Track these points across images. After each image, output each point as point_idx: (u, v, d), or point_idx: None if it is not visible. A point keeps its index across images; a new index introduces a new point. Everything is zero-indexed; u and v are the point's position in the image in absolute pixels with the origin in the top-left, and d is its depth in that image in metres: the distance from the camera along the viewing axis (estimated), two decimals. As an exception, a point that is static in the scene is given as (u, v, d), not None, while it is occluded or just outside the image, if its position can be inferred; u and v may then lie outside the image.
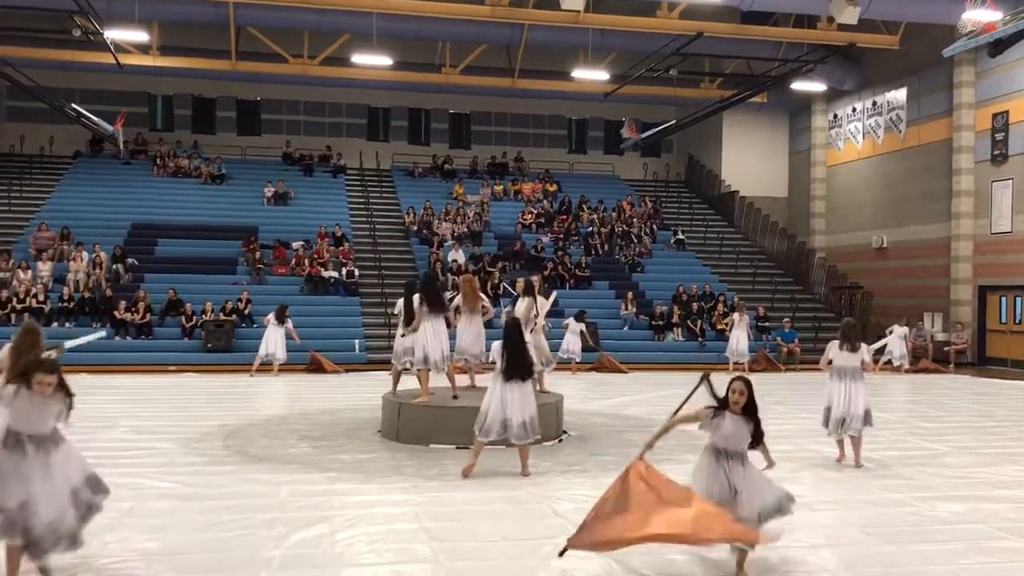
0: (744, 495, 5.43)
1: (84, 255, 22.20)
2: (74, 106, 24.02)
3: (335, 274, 23.61)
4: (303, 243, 24.69)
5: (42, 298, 20.35)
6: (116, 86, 28.88)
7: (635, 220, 28.98)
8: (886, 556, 6.16)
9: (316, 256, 24.01)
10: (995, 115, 23.12)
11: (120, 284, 22.01)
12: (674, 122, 27.85)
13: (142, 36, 24.39)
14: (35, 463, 5.05)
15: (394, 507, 7.25)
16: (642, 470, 5.56)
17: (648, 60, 24.73)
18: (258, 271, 23.32)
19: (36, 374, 5.01)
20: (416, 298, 10.46)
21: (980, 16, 18.00)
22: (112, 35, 23.10)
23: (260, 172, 29.43)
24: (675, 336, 23.03)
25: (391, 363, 11.37)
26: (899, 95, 26.60)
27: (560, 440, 10.47)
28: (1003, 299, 23.17)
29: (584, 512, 5.89)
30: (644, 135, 28.96)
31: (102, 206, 26.40)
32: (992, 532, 6.77)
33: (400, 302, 11.33)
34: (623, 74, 27.03)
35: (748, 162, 32.00)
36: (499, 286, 22.54)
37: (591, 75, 26.88)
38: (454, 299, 11.16)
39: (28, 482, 5.00)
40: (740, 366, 19.97)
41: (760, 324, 23.00)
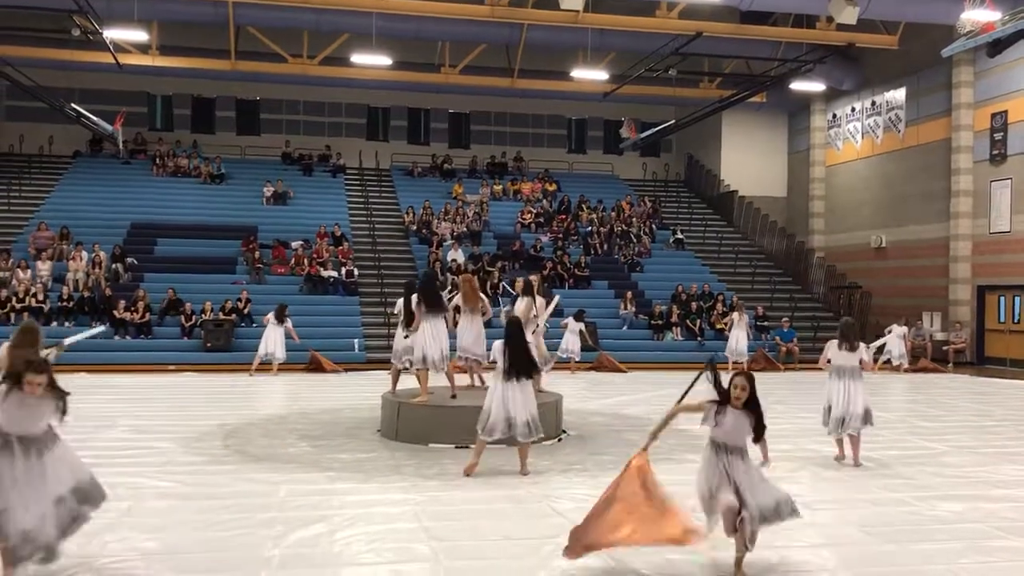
0: (745, 492, 5.42)
1: (83, 254, 22.19)
2: (73, 106, 24.03)
3: (334, 274, 23.61)
4: (302, 243, 24.69)
5: (41, 297, 20.35)
6: (115, 86, 28.89)
7: (634, 220, 28.98)
8: (885, 555, 6.17)
9: (315, 256, 24.00)
10: (994, 115, 23.14)
11: (119, 284, 22.00)
12: (673, 122, 27.88)
13: (141, 36, 24.39)
14: (21, 466, 4.95)
15: (393, 506, 7.25)
16: (643, 465, 5.58)
17: (647, 60, 24.75)
18: (257, 271, 23.32)
19: (26, 374, 4.94)
20: (414, 298, 10.47)
21: (979, 16, 18.02)
22: (111, 35, 23.11)
23: (259, 172, 29.44)
24: (674, 336, 23.05)
25: (390, 362, 11.38)
26: (898, 95, 26.61)
27: (559, 439, 10.47)
28: (1002, 299, 23.18)
29: (584, 511, 5.91)
30: (643, 135, 28.99)
31: (101, 206, 26.40)
32: (991, 531, 6.77)
33: (400, 302, 11.34)
34: (622, 74, 27.04)
35: (747, 162, 32.01)
36: (498, 286, 22.54)
37: (590, 75, 26.88)
38: (453, 299, 11.16)
39: (10, 487, 4.89)
40: (739, 365, 19.94)
41: (759, 324, 23.01)
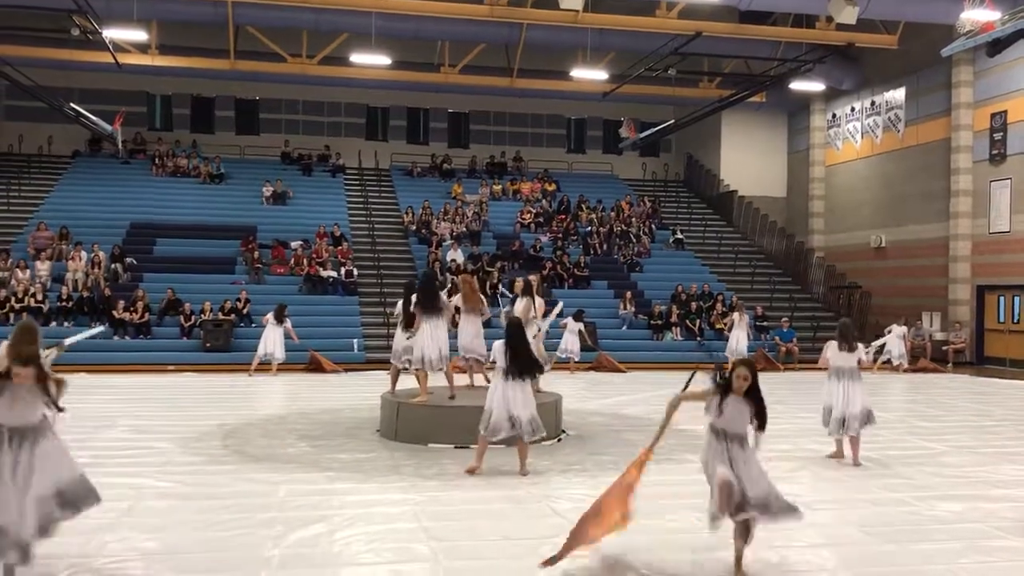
0: (744, 483, 5.46)
1: (83, 254, 22.17)
2: (73, 105, 24.01)
3: (334, 274, 23.60)
4: (302, 243, 24.67)
5: (40, 297, 20.33)
6: (115, 85, 28.87)
7: (634, 220, 28.98)
8: (885, 555, 6.17)
9: (315, 256, 23.99)
10: (993, 115, 23.13)
11: (119, 284, 21.98)
12: (673, 122, 27.88)
13: (141, 35, 24.37)
14: (9, 461, 4.98)
15: (393, 506, 7.25)
16: (646, 460, 5.61)
17: (647, 60, 24.75)
18: (257, 271, 23.31)
19: (12, 365, 5.03)
20: (413, 299, 10.47)
21: (978, 16, 18.03)
22: (111, 34, 23.09)
23: (259, 171, 29.43)
24: (674, 335, 23.04)
25: (390, 362, 11.37)
26: (897, 95, 26.60)
27: (559, 439, 10.47)
28: (1001, 298, 23.19)
29: (583, 512, 5.91)
30: (643, 135, 28.98)
31: (101, 205, 26.39)
32: (991, 531, 6.77)
33: (400, 303, 11.34)
34: (622, 74, 27.03)
35: (747, 162, 32.00)
36: (497, 286, 22.54)
37: (590, 75, 26.87)
38: (453, 299, 11.14)
39: None
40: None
41: (758, 324, 23.00)
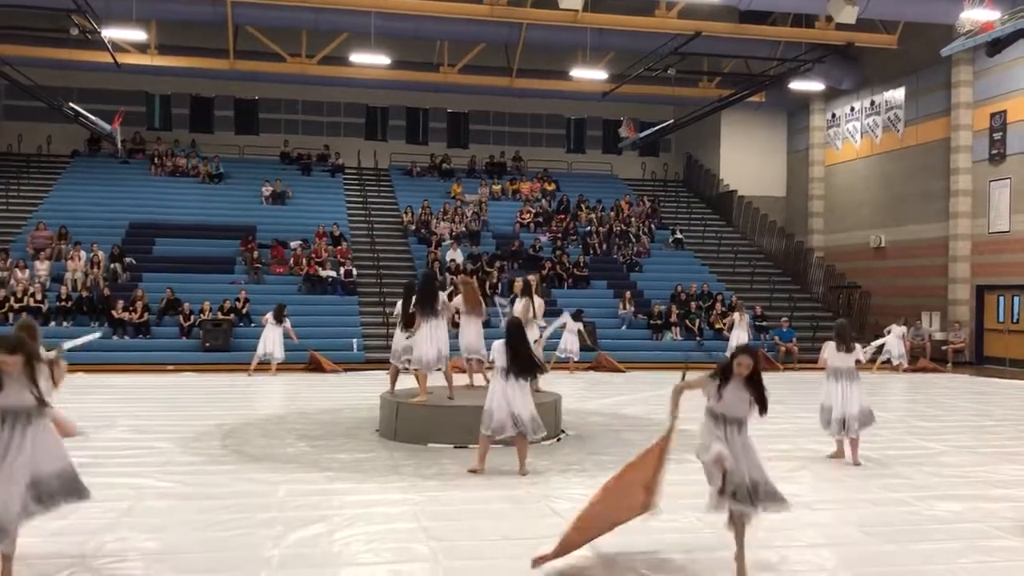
0: (742, 460, 5.48)
1: (82, 254, 22.17)
2: (72, 105, 24.01)
3: (333, 273, 23.59)
4: (301, 242, 24.67)
5: (40, 297, 20.32)
6: (114, 85, 28.85)
7: (633, 219, 28.98)
8: (885, 555, 6.17)
9: (314, 255, 23.98)
10: (993, 114, 23.14)
11: (118, 283, 21.98)
12: (672, 121, 27.88)
13: (140, 35, 24.36)
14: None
15: (392, 506, 7.25)
16: (667, 446, 5.64)
17: (646, 59, 24.74)
18: (256, 270, 23.30)
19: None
20: (413, 299, 10.47)
21: (978, 15, 18.04)
22: (110, 34, 23.08)
23: (258, 171, 29.42)
24: (673, 335, 23.04)
25: (389, 362, 11.37)
26: (897, 94, 26.61)
27: (558, 439, 10.47)
28: (1001, 298, 23.19)
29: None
30: (642, 134, 28.99)
31: (100, 205, 26.38)
32: (990, 531, 6.77)
33: (399, 303, 11.34)
34: (621, 73, 27.03)
35: (746, 161, 32.00)
36: (497, 286, 22.53)
37: (589, 74, 26.86)
38: (453, 300, 11.13)
39: None
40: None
41: (757, 323, 23.00)
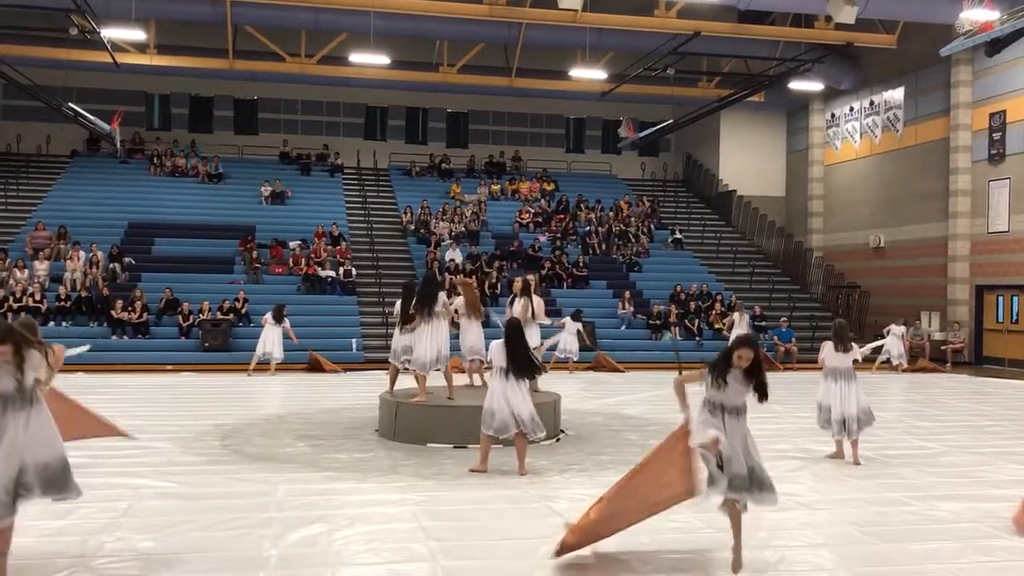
0: (739, 448, 5.51)
1: (81, 254, 22.16)
2: (71, 105, 23.95)
3: (332, 273, 23.58)
4: (300, 242, 24.66)
5: (39, 297, 20.31)
6: (113, 85, 28.83)
7: (633, 219, 28.98)
8: (885, 555, 6.16)
9: (313, 255, 23.97)
10: (992, 114, 23.14)
11: (117, 283, 21.97)
12: (672, 121, 27.85)
13: (139, 35, 24.34)
14: None
15: (391, 506, 7.24)
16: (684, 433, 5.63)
17: (646, 59, 24.75)
18: (255, 270, 23.29)
19: None
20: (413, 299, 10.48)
21: (977, 15, 18.03)
22: (109, 34, 23.05)
23: (257, 171, 29.41)
24: (672, 335, 23.04)
25: (389, 362, 11.37)
26: (896, 94, 26.61)
27: (557, 439, 10.47)
28: (1000, 298, 23.19)
29: (581, 512, 5.90)
30: (642, 134, 28.97)
31: (99, 205, 26.37)
32: (989, 531, 6.77)
33: (399, 302, 11.33)
34: (621, 73, 27.02)
35: (746, 161, 32.00)
36: (496, 286, 22.52)
37: (589, 74, 26.85)
38: (453, 302, 11.13)
39: None
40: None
41: (756, 323, 22.99)
